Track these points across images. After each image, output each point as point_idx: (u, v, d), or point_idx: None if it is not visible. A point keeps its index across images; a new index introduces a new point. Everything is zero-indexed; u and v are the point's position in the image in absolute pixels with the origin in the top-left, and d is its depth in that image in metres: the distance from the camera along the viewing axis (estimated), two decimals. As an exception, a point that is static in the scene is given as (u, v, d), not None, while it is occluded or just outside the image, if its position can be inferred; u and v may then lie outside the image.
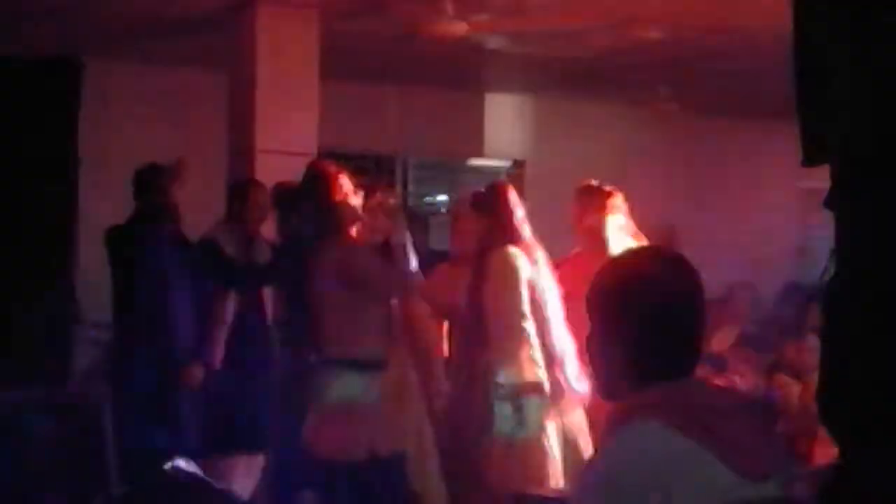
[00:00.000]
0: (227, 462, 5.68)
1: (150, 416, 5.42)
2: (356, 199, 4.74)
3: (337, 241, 4.54)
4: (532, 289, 4.68)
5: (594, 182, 5.35)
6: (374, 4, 6.49)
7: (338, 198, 4.61)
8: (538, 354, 4.65)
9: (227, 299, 5.68)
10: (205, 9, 6.55)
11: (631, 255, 2.27)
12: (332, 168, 4.74)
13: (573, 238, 5.34)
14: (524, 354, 4.62)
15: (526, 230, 4.86)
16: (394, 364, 4.93)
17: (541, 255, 4.83)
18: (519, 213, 4.87)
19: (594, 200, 5.22)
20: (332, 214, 4.57)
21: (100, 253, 5.64)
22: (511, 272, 4.64)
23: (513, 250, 4.70)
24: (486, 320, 4.64)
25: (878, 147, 1.97)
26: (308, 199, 4.64)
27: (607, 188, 5.30)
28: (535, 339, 4.66)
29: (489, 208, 4.88)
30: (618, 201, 5.25)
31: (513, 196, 4.92)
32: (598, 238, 5.11)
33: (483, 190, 5.07)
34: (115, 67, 7.52)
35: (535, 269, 4.73)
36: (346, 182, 4.71)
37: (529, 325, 4.64)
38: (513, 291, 4.63)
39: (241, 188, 5.96)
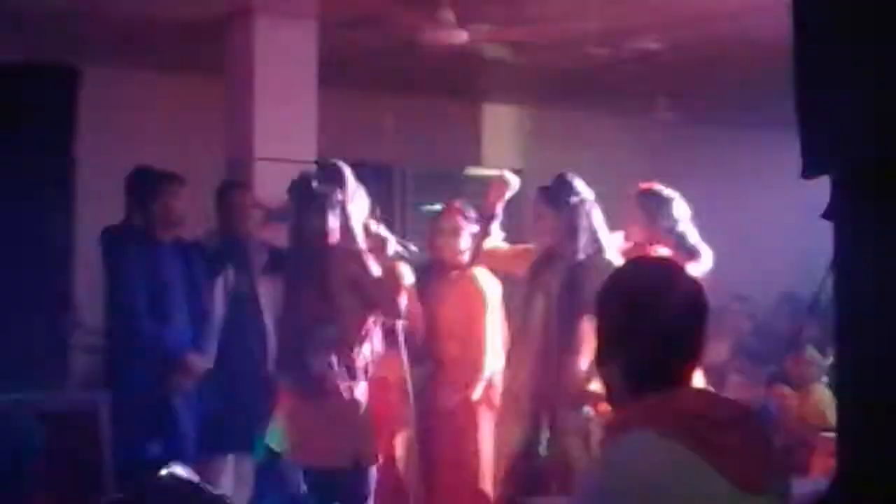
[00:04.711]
0: (219, 465, 5.69)
1: (146, 420, 5.40)
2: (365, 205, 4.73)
3: (350, 248, 4.52)
4: None
5: (657, 186, 5.15)
6: (372, 14, 6.49)
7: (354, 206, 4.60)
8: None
9: (214, 293, 5.71)
10: (203, 17, 6.55)
11: (634, 264, 2.27)
12: (353, 178, 4.70)
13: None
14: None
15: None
16: (390, 373, 4.94)
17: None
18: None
19: (661, 207, 5.04)
20: (350, 222, 4.54)
21: (98, 259, 5.62)
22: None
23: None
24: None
25: (881, 156, 1.97)
26: (330, 197, 4.58)
27: (672, 193, 5.09)
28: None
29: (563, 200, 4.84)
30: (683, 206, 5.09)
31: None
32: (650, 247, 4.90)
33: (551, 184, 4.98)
34: (113, 74, 7.52)
35: None
36: (362, 194, 4.70)
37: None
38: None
39: (220, 192, 5.98)
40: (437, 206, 9.69)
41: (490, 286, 5.33)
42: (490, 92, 9.40)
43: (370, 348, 4.66)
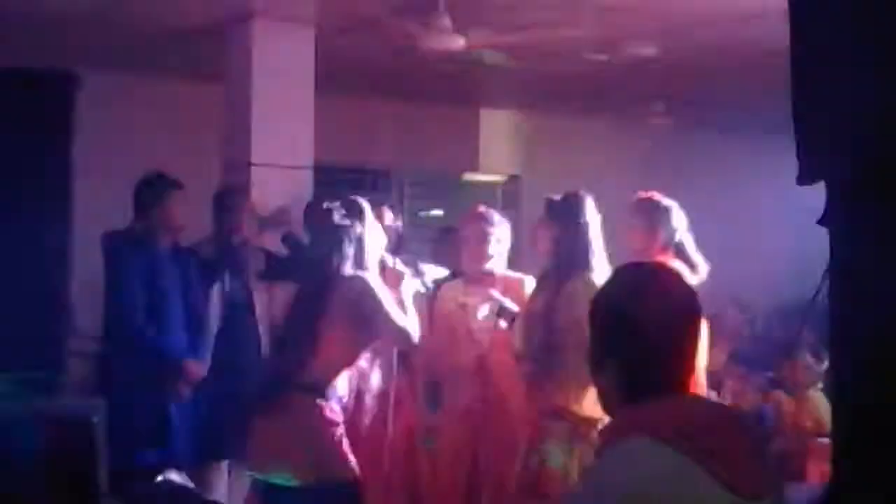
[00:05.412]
0: (215, 472, 5.67)
1: (142, 426, 5.39)
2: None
3: (359, 276, 4.49)
4: None
5: (655, 196, 5.04)
6: (370, 20, 6.50)
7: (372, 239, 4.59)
8: None
9: (210, 299, 5.72)
10: (202, 22, 6.56)
11: (627, 270, 2.27)
12: (371, 214, 4.69)
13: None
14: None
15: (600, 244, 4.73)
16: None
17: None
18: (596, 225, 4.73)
19: (661, 217, 4.93)
20: (365, 254, 4.51)
21: (96, 265, 5.61)
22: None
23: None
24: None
25: (878, 162, 1.97)
26: (349, 230, 4.55)
27: (671, 203, 5.01)
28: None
29: (563, 218, 4.76)
30: (681, 216, 5.02)
31: (590, 205, 4.79)
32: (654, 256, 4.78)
33: (558, 198, 4.87)
34: (113, 79, 7.53)
35: None
36: (379, 230, 4.70)
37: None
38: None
39: (218, 198, 6.00)
40: (436, 212, 9.77)
41: (526, 293, 5.26)
42: (487, 98, 9.42)
43: (367, 372, 4.64)
